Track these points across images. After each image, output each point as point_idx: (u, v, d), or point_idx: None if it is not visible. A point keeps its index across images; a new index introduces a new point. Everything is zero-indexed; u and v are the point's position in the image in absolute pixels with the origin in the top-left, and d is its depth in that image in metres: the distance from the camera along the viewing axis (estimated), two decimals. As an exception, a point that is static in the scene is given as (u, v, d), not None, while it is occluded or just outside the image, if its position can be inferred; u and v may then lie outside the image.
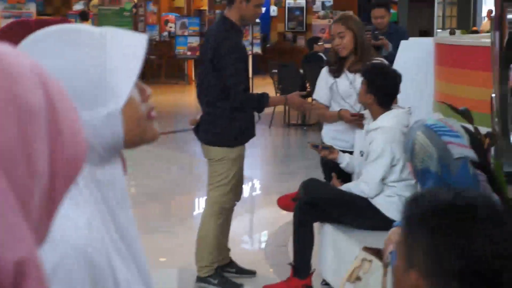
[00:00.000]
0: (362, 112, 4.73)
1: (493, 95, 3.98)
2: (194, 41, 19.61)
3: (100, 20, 17.86)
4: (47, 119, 0.66)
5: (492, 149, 3.82)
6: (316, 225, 4.67)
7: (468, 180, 2.63)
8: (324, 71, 5.02)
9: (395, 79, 4.41)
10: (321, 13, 24.94)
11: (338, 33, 4.85)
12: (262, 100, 4.80)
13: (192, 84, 18.75)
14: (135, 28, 24.86)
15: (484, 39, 5.26)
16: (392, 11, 14.97)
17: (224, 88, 4.77)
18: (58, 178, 0.68)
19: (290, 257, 4.96)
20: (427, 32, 17.28)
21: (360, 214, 4.42)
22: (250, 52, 15.82)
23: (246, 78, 4.84)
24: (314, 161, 6.49)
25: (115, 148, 1.29)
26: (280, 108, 12.92)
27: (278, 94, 12.57)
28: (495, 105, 3.96)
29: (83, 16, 16.45)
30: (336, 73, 4.95)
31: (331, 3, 23.75)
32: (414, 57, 6.02)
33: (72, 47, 1.27)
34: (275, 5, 26.31)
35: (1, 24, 16.44)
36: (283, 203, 4.94)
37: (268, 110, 12.86)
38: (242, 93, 4.73)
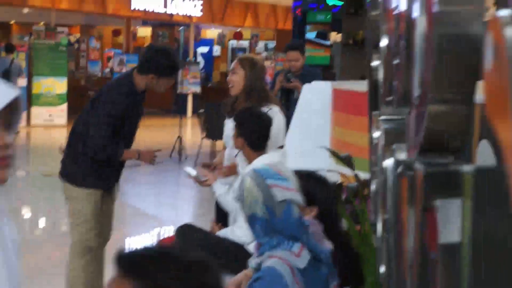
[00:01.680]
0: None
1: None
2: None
3: (36, 54, 17.66)
4: None
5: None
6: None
7: (291, 223, 2.61)
8: None
9: (266, 122, 4.34)
10: (264, 54, 25.07)
11: (232, 69, 4.88)
12: (112, 154, 4.80)
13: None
14: (77, 63, 24.70)
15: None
16: (325, 55, 15.10)
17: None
18: None
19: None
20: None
21: (234, 261, 4.31)
22: (188, 91, 15.79)
23: (112, 137, 4.77)
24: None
25: None
26: (206, 148, 12.84)
27: (204, 135, 12.49)
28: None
29: (9, 49, 16.17)
30: (227, 113, 4.92)
31: (274, 44, 23.92)
32: (315, 101, 5.98)
33: None
34: (218, 45, 26.42)
35: None
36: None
37: (193, 151, 12.88)
38: (97, 146, 4.74)
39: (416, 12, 1.30)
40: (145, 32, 25.44)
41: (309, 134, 5.60)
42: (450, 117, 1.19)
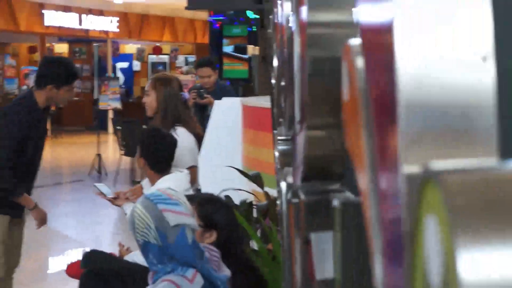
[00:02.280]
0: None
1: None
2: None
3: None
4: None
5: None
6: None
7: (185, 249, 2.55)
8: None
9: (169, 144, 4.25)
10: (184, 68, 24.99)
11: (145, 91, 4.87)
12: (9, 183, 4.57)
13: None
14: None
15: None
16: (244, 68, 15.10)
17: None
18: None
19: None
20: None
21: (142, 285, 4.21)
22: (108, 107, 15.56)
23: (11, 158, 4.55)
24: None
25: None
26: (126, 165, 12.65)
27: (122, 152, 12.31)
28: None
29: None
30: None
31: (194, 58, 23.85)
32: (226, 118, 5.93)
33: None
34: (138, 60, 26.18)
35: None
36: (71, 270, 4.67)
37: (113, 168, 12.67)
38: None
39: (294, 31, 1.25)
40: (61, 48, 24.99)
41: (221, 152, 5.55)
42: (329, 143, 1.14)
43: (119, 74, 24.15)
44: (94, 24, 21.07)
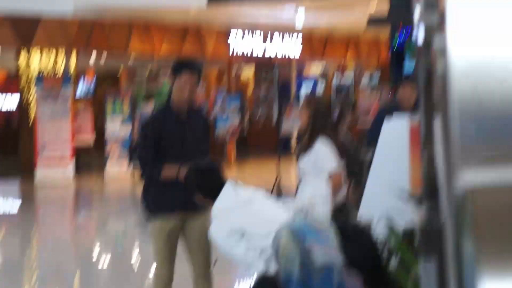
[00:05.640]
0: None
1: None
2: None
3: (139, 99, 17.99)
4: None
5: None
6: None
7: None
8: None
9: None
10: (368, 89, 24.69)
11: (299, 109, 5.41)
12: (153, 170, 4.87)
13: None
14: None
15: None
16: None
17: None
18: None
19: None
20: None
21: None
22: (292, 130, 15.64)
23: (149, 152, 4.87)
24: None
25: None
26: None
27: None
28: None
29: (148, 98, 16.14)
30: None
31: (377, 78, 23.56)
32: (394, 138, 5.72)
33: None
34: (321, 81, 26.26)
35: (38, 109, 16.72)
36: None
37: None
38: (138, 157, 5.18)
39: None
40: (248, 72, 25.60)
41: (388, 173, 5.34)
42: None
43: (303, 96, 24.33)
44: (278, 48, 21.39)
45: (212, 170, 4.02)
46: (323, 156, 4.86)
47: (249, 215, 3.57)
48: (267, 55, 21.31)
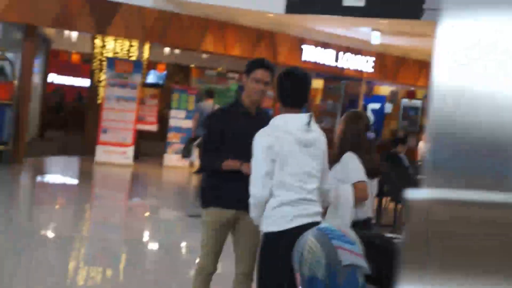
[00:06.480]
0: None
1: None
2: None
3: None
4: None
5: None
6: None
7: None
8: None
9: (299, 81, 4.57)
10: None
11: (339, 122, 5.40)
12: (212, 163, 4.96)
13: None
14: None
15: None
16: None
17: None
18: None
19: None
20: None
21: None
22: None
23: (210, 149, 4.98)
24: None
25: None
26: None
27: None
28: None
29: (209, 94, 16.25)
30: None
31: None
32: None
33: None
34: (390, 102, 26.06)
35: (106, 91, 17.01)
36: None
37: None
38: (201, 145, 5.22)
39: None
40: (317, 84, 25.58)
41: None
42: None
43: (370, 114, 24.16)
44: (350, 63, 21.29)
45: None
46: (349, 167, 4.84)
47: None
48: (338, 68, 21.22)
